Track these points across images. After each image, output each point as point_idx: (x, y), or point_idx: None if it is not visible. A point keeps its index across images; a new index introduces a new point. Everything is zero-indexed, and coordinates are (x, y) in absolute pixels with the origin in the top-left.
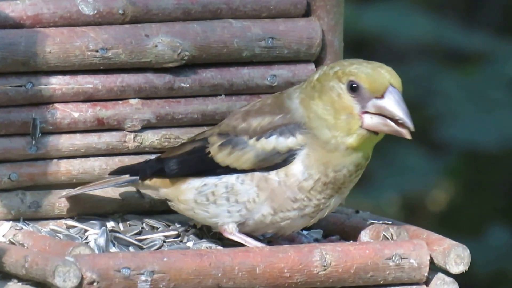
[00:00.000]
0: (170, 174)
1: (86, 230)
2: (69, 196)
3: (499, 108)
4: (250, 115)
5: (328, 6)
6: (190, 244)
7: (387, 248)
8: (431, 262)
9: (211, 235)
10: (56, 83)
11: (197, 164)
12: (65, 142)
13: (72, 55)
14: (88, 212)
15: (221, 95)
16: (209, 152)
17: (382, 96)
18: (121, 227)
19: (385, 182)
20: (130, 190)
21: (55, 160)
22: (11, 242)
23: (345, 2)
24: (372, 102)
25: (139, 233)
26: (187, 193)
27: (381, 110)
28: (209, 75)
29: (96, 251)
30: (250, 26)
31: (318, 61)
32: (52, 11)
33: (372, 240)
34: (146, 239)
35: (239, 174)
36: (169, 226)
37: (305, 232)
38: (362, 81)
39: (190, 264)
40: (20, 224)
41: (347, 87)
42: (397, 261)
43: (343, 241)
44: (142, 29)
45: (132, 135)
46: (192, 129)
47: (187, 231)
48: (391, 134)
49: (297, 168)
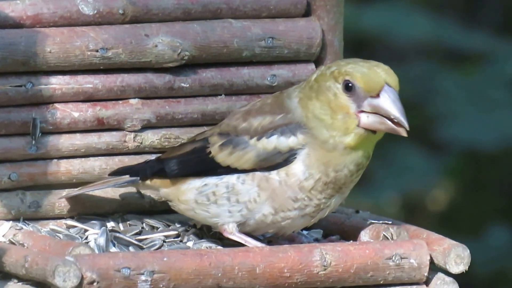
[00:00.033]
0: (171, 175)
1: (86, 230)
2: (69, 197)
3: (499, 108)
4: (251, 115)
5: (328, 6)
6: (190, 244)
7: (387, 248)
8: (431, 262)
9: (211, 235)
10: (56, 83)
11: (198, 164)
12: (65, 142)
13: (72, 55)
14: (88, 212)
15: (221, 95)
16: (210, 152)
17: (378, 95)
18: (121, 227)
19: (385, 182)
20: (130, 190)
21: (55, 160)
22: (11, 242)
23: (345, 2)
24: (368, 101)
25: (139, 233)
26: (188, 193)
27: (377, 109)
28: (209, 75)
29: (96, 251)
30: (250, 26)
31: (318, 61)
32: (52, 11)
33: (372, 240)
34: (146, 239)
35: (240, 174)
36: (169, 226)
37: (305, 232)
38: (357, 81)
39: (190, 264)
40: (20, 224)
41: (343, 87)
42: (397, 261)
43: (343, 241)
44: (142, 29)
45: (132, 135)
46: (192, 129)
47: (187, 231)
48: (389, 132)
49: (298, 168)
